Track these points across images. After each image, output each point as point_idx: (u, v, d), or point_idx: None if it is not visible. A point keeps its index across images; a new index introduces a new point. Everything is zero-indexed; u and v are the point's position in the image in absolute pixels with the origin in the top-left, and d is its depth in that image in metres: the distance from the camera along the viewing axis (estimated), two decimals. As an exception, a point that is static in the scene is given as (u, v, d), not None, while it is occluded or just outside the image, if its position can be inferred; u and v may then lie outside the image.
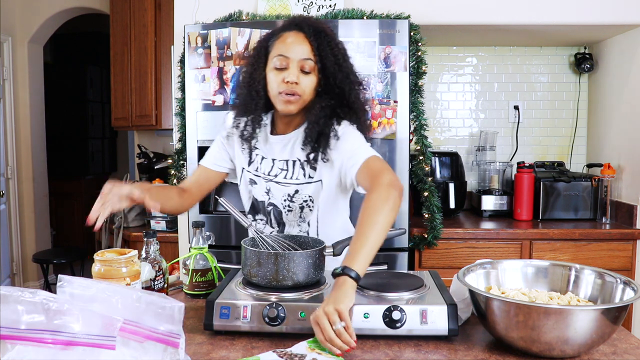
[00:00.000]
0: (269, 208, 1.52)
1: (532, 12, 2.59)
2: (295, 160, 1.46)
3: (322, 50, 1.34)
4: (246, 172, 1.54)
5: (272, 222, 1.53)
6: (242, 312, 1.14)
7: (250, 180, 1.54)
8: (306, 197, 1.47)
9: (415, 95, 2.41)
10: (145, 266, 1.29)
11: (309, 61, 1.35)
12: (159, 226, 2.91)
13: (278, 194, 1.49)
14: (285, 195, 1.48)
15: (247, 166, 1.53)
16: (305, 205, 1.48)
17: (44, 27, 4.30)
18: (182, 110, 2.51)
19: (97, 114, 5.95)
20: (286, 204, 1.49)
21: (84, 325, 0.84)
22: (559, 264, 1.25)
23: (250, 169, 1.53)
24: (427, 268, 2.55)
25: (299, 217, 1.50)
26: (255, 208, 1.56)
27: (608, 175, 2.76)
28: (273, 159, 1.49)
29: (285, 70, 1.35)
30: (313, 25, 1.36)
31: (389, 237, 1.41)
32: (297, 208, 1.48)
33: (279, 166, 1.48)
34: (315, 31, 1.35)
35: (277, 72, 1.36)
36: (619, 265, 2.55)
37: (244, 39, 2.34)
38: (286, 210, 1.50)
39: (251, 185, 1.54)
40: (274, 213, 1.52)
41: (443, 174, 2.92)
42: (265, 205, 1.53)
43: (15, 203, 4.22)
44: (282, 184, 1.48)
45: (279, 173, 1.48)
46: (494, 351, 1.07)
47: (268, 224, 1.54)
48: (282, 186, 1.48)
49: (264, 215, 1.54)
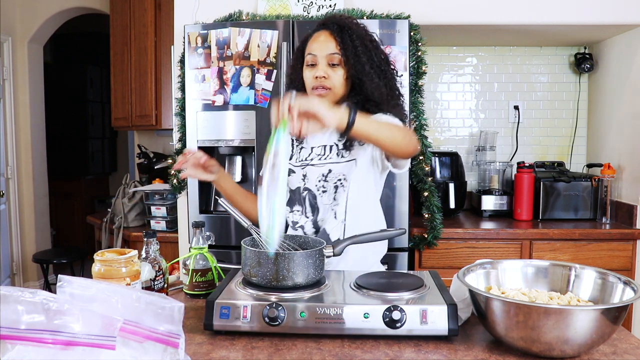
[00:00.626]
0: (304, 194, 1.56)
1: (532, 12, 2.59)
2: (333, 145, 1.55)
3: (346, 44, 1.44)
4: None
5: (306, 210, 1.56)
6: (242, 312, 1.14)
7: (289, 171, 1.58)
8: (340, 175, 1.52)
9: (415, 95, 2.41)
10: (145, 266, 1.29)
11: (335, 55, 1.45)
12: (159, 226, 2.91)
13: (313, 176, 1.55)
14: (320, 175, 1.54)
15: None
16: (339, 184, 1.53)
17: (44, 27, 4.30)
18: (182, 110, 2.51)
19: (97, 114, 5.95)
20: (320, 184, 1.54)
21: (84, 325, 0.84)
22: (559, 264, 1.25)
23: (291, 161, 1.60)
24: (427, 268, 2.55)
25: (332, 200, 1.54)
26: (292, 199, 1.59)
27: (608, 175, 2.76)
28: (312, 147, 1.58)
29: (315, 67, 1.47)
30: (338, 22, 1.47)
31: (389, 237, 1.41)
32: (331, 188, 1.53)
33: (316, 152, 1.57)
34: (339, 27, 1.45)
35: (309, 69, 1.48)
36: (619, 265, 2.55)
37: (244, 39, 2.34)
38: (321, 192, 1.54)
39: (288, 176, 1.57)
40: (309, 198, 1.56)
41: (443, 174, 2.92)
42: (300, 191, 1.57)
43: (15, 203, 4.22)
44: (317, 165, 1.55)
45: (315, 157, 1.56)
46: (494, 351, 1.07)
47: (303, 214, 1.57)
48: (317, 167, 1.55)
49: (300, 204, 1.57)
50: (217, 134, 2.40)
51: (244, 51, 2.34)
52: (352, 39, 1.44)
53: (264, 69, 2.33)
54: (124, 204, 3.10)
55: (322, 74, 1.45)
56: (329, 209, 1.54)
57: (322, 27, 1.49)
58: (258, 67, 2.34)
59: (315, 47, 1.47)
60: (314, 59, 1.47)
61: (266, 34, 2.32)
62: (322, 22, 1.51)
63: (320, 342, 1.11)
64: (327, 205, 1.54)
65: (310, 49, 1.48)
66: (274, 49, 2.32)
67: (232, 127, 2.39)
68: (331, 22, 1.48)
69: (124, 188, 3.24)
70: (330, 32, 1.46)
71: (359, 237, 1.37)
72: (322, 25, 1.50)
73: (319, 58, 1.46)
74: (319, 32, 1.49)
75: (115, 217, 3.14)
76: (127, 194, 3.17)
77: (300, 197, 1.57)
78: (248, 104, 2.36)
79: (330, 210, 1.54)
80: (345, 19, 1.49)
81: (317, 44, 1.47)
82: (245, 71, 2.35)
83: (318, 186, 1.54)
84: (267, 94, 2.34)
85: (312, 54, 1.47)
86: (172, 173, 2.60)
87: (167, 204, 2.89)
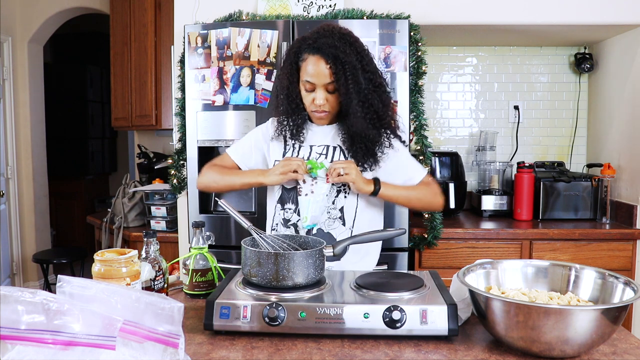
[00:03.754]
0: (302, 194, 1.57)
1: (532, 12, 2.59)
2: (336, 146, 1.59)
3: (338, 75, 1.47)
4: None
5: (300, 210, 1.57)
6: (242, 312, 1.14)
7: None
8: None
9: (415, 95, 2.41)
10: (145, 266, 1.29)
11: (331, 84, 1.49)
12: (159, 226, 2.91)
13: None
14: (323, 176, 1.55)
15: (281, 157, 1.61)
16: (341, 188, 1.56)
17: (44, 27, 4.30)
18: (182, 110, 2.51)
19: (97, 114, 5.95)
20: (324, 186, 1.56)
21: (84, 325, 0.84)
22: (559, 264, 1.25)
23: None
24: (427, 268, 2.55)
25: (331, 203, 1.56)
26: (286, 197, 1.60)
27: (608, 176, 2.76)
28: (311, 146, 1.60)
29: (313, 93, 1.52)
30: (333, 53, 1.46)
31: (389, 237, 1.42)
32: (333, 191, 1.56)
33: (317, 151, 1.59)
34: (334, 57, 1.46)
35: (308, 93, 1.54)
36: (619, 265, 2.55)
37: (244, 39, 2.34)
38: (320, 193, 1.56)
39: None
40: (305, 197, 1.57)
41: (443, 174, 2.92)
42: (296, 192, 1.58)
43: (15, 203, 4.22)
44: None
45: (317, 157, 1.58)
46: (494, 351, 1.07)
47: (295, 213, 1.58)
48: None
49: (293, 202, 1.59)
50: (217, 134, 2.40)
51: (244, 51, 2.34)
52: (344, 69, 1.45)
53: (264, 69, 2.33)
54: (124, 204, 3.10)
55: (321, 102, 1.51)
56: (325, 210, 1.56)
57: (318, 51, 1.47)
58: (258, 67, 2.34)
59: (312, 74, 1.48)
60: (312, 86, 1.51)
61: (266, 34, 2.32)
62: (318, 46, 1.47)
63: (320, 342, 1.11)
64: (325, 207, 1.56)
65: (308, 75, 1.49)
66: (274, 49, 2.32)
67: (232, 127, 2.39)
68: (327, 50, 1.46)
69: (124, 188, 3.24)
70: (326, 60, 1.46)
71: (359, 237, 1.38)
72: (318, 49, 1.47)
73: (317, 86, 1.50)
74: (315, 58, 1.48)
75: (115, 217, 3.14)
76: (127, 194, 3.17)
77: (295, 195, 1.58)
78: (248, 104, 2.36)
79: (326, 212, 1.56)
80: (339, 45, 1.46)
81: (314, 72, 1.48)
82: (245, 71, 2.35)
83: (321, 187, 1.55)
84: (267, 94, 2.34)
85: (310, 81, 1.50)
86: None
87: (167, 204, 2.89)
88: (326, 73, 1.47)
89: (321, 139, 1.60)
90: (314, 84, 1.50)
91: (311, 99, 1.52)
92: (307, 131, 1.62)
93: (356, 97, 1.48)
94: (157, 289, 1.32)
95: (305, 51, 1.50)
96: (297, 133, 1.60)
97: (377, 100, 1.52)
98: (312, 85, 1.51)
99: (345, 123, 1.54)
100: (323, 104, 1.51)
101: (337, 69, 1.46)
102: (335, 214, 1.56)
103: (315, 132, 1.62)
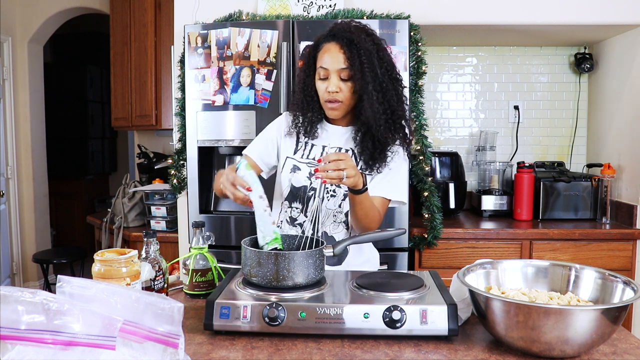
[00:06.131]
0: (310, 193, 1.57)
1: (532, 12, 2.59)
2: (348, 149, 1.56)
3: (353, 59, 1.44)
4: (290, 159, 1.60)
5: (307, 210, 1.56)
6: (242, 312, 1.14)
7: (294, 167, 1.59)
8: None
9: (415, 95, 2.41)
10: (145, 266, 1.29)
11: (345, 70, 1.45)
12: (159, 226, 2.91)
13: None
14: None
15: (292, 154, 1.60)
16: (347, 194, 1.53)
17: (44, 27, 4.30)
18: (182, 110, 2.51)
19: (97, 114, 5.95)
20: (332, 188, 1.55)
21: (84, 325, 0.84)
22: (559, 264, 1.25)
23: (296, 156, 1.59)
24: (427, 268, 2.55)
25: (337, 207, 1.55)
26: (294, 195, 1.59)
27: (608, 175, 2.76)
28: (324, 146, 1.58)
29: (327, 81, 1.48)
30: (348, 37, 1.45)
31: (389, 237, 1.41)
32: (341, 194, 1.55)
33: (329, 152, 1.56)
34: (349, 41, 1.44)
35: (322, 82, 1.50)
36: (619, 265, 2.55)
37: (244, 39, 2.34)
38: (329, 196, 1.55)
39: (293, 173, 1.58)
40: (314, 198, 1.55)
41: (443, 174, 2.92)
42: (306, 190, 1.57)
43: (15, 203, 4.22)
44: None
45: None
46: (494, 351, 1.07)
47: (302, 213, 1.57)
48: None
49: (300, 202, 1.58)
50: (217, 134, 2.40)
51: (244, 51, 2.34)
52: (359, 54, 1.43)
53: (264, 69, 2.33)
54: (124, 204, 3.10)
55: (334, 89, 1.47)
56: (331, 214, 1.55)
57: (333, 38, 1.47)
58: (258, 67, 2.34)
59: (326, 60, 1.47)
60: (326, 72, 1.47)
61: (266, 34, 2.32)
62: (333, 33, 1.48)
63: (320, 342, 1.11)
64: (331, 210, 1.55)
65: (322, 61, 1.48)
66: (274, 49, 2.32)
67: (232, 127, 2.39)
68: (341, 35, 1.46)
69: (124, 188, 3.24)
70: (340, 45, 1.45)
71: (359, 237, 1.38)
72: (333, 36, 1.47)
73: (331, 72, 1.47)
74: (329, 44, 1.47)
75: (115, 217, 3.14)
76: (127, 194, 3.17)
77: (304, 195, 1.57)
78: (248, 104, 2.36)
79: (332, 216, 1.55)
80: (355, 32, 1.46)
81: (328, 58, 1.46)
82: (245, 71, 2.35)
83: (329, 189, 1.55)
84: (267, 94, 2.34)
85: (323, 67, 1.47)
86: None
87: (167, 204, 2.89)
88: (340, 58, 1.45)
89: (335, 141, 1.58)
90: (327, 70, 1.47)
91: (325, 87, 1.48)
92: (322, 130, 1.59)
93: (372, 83, 1.44)
94: (157, 289, 1.32)
95: (322, 42, 1.49)
96: (310, 130, 1.57)
97: (393, 93, 1.48)
98: (326, 72, 1.47)
99: (359, 119, 1.49)
100: (336, 91, 1.47)
101: (351, 54, 1.43)
102: (340, 217, 1.56)
103: (330, 133, 1.59)
